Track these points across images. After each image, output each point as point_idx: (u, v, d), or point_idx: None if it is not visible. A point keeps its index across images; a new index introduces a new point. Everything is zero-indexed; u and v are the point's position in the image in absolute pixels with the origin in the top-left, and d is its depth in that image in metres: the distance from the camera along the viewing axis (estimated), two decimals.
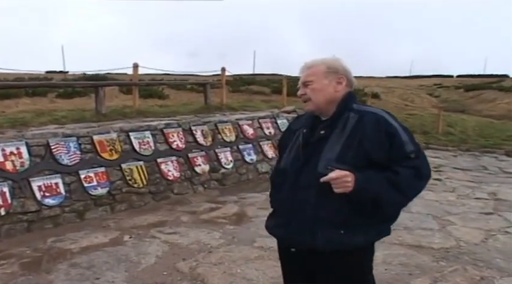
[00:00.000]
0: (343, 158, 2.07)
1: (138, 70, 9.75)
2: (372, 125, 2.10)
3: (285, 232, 2.25)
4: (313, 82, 2.21)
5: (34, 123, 7.52)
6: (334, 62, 2.25)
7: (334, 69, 2.22)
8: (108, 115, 8.42)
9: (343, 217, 2.09)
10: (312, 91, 2.21)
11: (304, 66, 2.28)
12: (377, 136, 2.07)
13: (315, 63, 2.25)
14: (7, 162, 5.63)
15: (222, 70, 11.60)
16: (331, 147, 2.11)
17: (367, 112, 2.16)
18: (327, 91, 2.20)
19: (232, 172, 8.35)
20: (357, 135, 2.09)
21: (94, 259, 4.73)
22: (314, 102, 2.22)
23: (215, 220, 6.16)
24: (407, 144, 2.09)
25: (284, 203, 2.26)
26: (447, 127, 14.78)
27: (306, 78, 2.24)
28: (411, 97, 18.74)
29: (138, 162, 6.94)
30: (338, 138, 2.12)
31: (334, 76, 2.21)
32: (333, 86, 2.21)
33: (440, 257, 4.84)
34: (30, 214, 5.66)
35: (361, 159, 2.06)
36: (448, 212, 6.58)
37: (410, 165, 2.07)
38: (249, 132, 9.04)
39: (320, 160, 2.11)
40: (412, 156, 2.08)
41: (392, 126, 2.11)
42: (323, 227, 2.11)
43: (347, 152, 2.08)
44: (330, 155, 2.10)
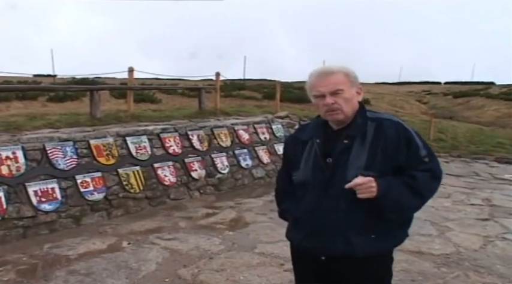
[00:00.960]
0: (371, 165, 2.09)
1: (133, 74, 9.67)
2: (391, 132, 2.12)
3: (316, 241, 2.22)
4: (344, 91, 2.15)
5: (28, 127, 7.41)
6: (352, 71, 2.22)
7: (355, 79, 2.21)
8: (103, 120, 8.34)
9: (373, 222, 2.13)
10: (345, 102, 2.15)
11: (321, 72, 2.20)
12: (397, 142, 2.11)
13: (334, 70, 2.18)
14: (3, 167, 5.53)
15: (216, 75, 11.57)
16: (357, 156, 2.12)
17: (383, 119, 2.19)
18: (354, 101, 2.19)
19: (228, 178, 8.29)
20: (379, 142, 2.12)
21: (93, 265, 4.65)
22: (345, 112, 2.16)
23: (213, 225, 6.10)
24: (422, 149, 2.14)
25: (312, 213, 2.22)
26: (438, 133, 14.86)
27: (336, 87, 2.14)
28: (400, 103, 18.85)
29: (134, 166, 6.86)
30: (361, 146, 2.13)
31: (356, 86, 2.20)
32: (356, 96, 2.20)
33: (442, 264, 4.85)
34: (26, 219, 5.55)
35: (387, 165, 2.10)
36: (445, 218, 6.60)
37: (425, 168, 2.13)
38: (245, 137, 9.00)
39: (348, 170, 2.11)
40: (426, 159, 2.14)
41: (409, 131, 2.16)
42: (356, 233, 2.13)
43: (374, 159, 2.10)
44: (358, 164, 2.10)
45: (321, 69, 2.23)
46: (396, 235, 2.24)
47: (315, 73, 2.22)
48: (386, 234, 2.16)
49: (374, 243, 2.13)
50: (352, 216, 2.12)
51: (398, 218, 2.18)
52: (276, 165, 9.28)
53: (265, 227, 5.96)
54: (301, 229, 2.30)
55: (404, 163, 2.11)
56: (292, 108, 14.33)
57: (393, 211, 2.11)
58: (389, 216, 2.13)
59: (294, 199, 2.35)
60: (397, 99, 18.94)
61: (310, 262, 2.30)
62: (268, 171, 9.12)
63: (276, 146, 9.50)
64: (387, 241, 2.19)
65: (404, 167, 2.12)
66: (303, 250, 2.33)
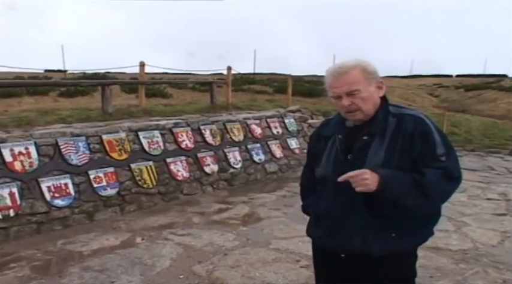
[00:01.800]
0: (388, 162, 2.01)
1: (144, 69, 9.62)
2: (410, 127, 2.04)
3: (335, 238, 2.17)
4: (361, 91, 2.05)
5: (39, 122, 7.40)
6: (370, 64, 2.11)
7: (374, 73, 2.10)
8: (114, 115, 8.31)
9: (394, 220, 2.04)
10: (363, 101, 2.06)
11: (336, 71, 2.09)
12: (414, 136, 2.02)
13: (348, 69, 2.07)
14: (16, 162, 5.51)
15: (227, 69, 11.49)
16: (375, 152, 2.05)
17: (405, 114, 2.10)
18: (374, 98, 2.10)
19: (241, 172, 8.24)
20: (398, 138, 2.03)
21: (107, 262, 4.61)
22: (364, 111, 2.08)
23: (227, 221, 6.05)
24: (439, 146, 2.02)
25: (331, 210, 2.18)
26: (451, 127, 14.68)
27: (351, 88, 2.05)
28: (412, 97, 18.65)
29: (147, 162, 6.82)
30: (380, 142, 2.05)
31: (376, 81, 2.10)
32: (376, 92, 2.10)
33: (460, 260, 4.76)
34: (40, 215, 5.53)
35: (405, 162, 2.02)
36: (462, 213, 6.49)
37: (439, 166, 2.00)
38: (257, 131, 8.93)
39: (365, 166, 2.02)
40: (443, 158, 2.01)
41: (428, 126, 2.05)
42: (374, 232, 2.06)
43: (392, 156, 2.02)
44: (375, 161, 2.03)
45: (336, 67, 2.11)
46: (419, 234, 2.14)
47: (330, 72, 2.12)
48: (408, 232, 2.07)
49: (394, 242, 2.05)
50: (370, 214, 2.05)
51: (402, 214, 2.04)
52: (289, 160, 9.22)
53: (279, 223, 5.90)
54: (321, 225, 2.26)
55: (417, 158, 2.01)
56: (303, 102, 14.24)
57: (393, 206, 1.99)
58: (391, 212, 2.01)
59: (316, 195, 2.31)
60: (408, 92, 18.75)
61: (330, 260, 2.25)
62: (281, 165, 9.05)
63: (288, 140, 9.43)
64: (409, 239, 2.09)
65: (418, 163, 2.01)
66: (323, 247, 2.28)
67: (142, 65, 9.45)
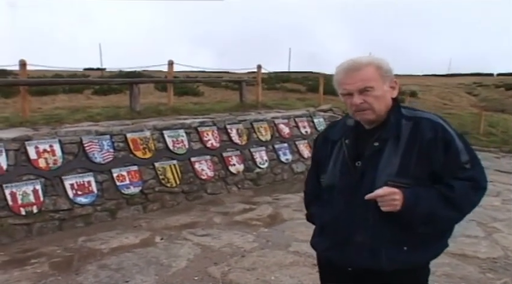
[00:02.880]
0: (404, 171, 1.85)
1: (173, 67, 9.66)
2: (429, 133, 1.85)
3: (341, 251, 2.02)
4: (374, 88, 1.89)
5: (69, 120, 7.50)
6: (385, 63, 1.94)
7: (389, 71, 1.94)
8: (142, 113, 8.34)
9: (406, 233, 1.88)
10: (376, 100, 1.90)
11: (349, 67, 1.94)
12: (434, 144, 1.84)
13: (363, 64, 1.92)
14: (40, 160, 5.59)
15: (257, 67, 11.41)
16: (389, 160, 1.87)
17: (421, 118, 1.91)
18: (387, 99, 1.93)
19: (267, 172, 8.15)
20: (415, 144, 1.85)
21: (124, 260, 4.61)
22: (376, 112, 1.92)
23: (249, 221, 5.97)
24: (463, 153, 1.86)
25: (338, 221, 2.02)
26: (488, 127, 14.17)
27: (365, 84, 1.89)
28: (449, 96, 18.11)
29: (171, 160, 6.82)
30: (394, 149, 1.88)
31: (390, 80, 1.94)
32: (389, 92, 1.94)
33: (488, 268, 4.52)
34: (62, 212, 5.60)
35: (423, 171, 1.85)
36: (494, 218, 6.21)
37: (465, 176, 1.84)
38: (285, 131, 8.82)
39: (377, 176, 1.88)
40: (468, 166, 1.86)
41: (449, 132, 1.88)
42: (385, 245, 1.90)
43: (408, 164, 1.85)
44: (389, 169, 1.86)
45: (349, 62, 1.95)
46: (433, 247, 1.97)
47: (342, 67, 1.95)
48: (421, 246, 1.91)
49: (406, 256, 1.89)
50: (381, 226, 1.89)
51: (433, 231, 1.91)
52: None
53: (301, 225, 5.76)
54: (327, 237, 2.10)
55: (441, 169, 1.84)
56: (336, 101, 13.98)
57: (425, 224, 1.86)
58: (423, 230, 1.87)
59: (321, 203, 2.14)
60: (445, 91, 18.21)
61: (336, 272, 2.10)
62: (309, 165, 8.86)
63: None
64: (422, 253, 1.93)
65: (442, 174, 1.85)
66: (329, 260, 2.12)
67: (170, 64, 9.48)
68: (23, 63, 7.45)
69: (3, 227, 5.17)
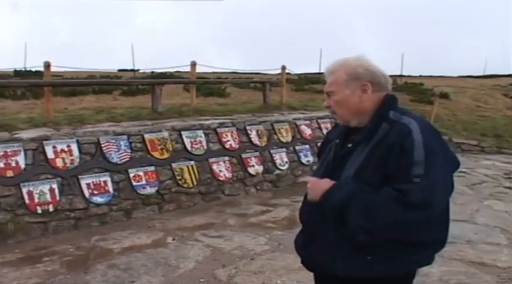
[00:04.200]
0: (360, 174, 1.78)
1: (195, 68, 9.71)
2: (394, 137, 1.75)
3: (308, 252, 2.02)
4: (335, 93, 1.91)
5: (91, 120, 7.60)
6: (355, 66, 1.89)
7: (355, 76, 1.87)
8: (164, 114, 8.39)
9: (370, 243, 1.78)
10: (335, 104, 1.92)
11: (326, 71, 1.98)
12: (392, 148, 1.73)
13: (335, 68, 1.93)
14: (57, 159, 5.68)
15: (282, 68, 11.35)
16: (353, 162, 1.83)
17: (398, 122, 1.80)
18: (351, 103, 1.89)
19: (287, 174, 8.08)
20: (379, 149, 1.77)
21: (133, 260, 4.64)
22: (339, 115, 1.95)
23: (263, 224, 5.92)
24: (418, 166, 1.69)
25: (308, 221, 2.05)
26: None
27: (327, 88, 1.95)
28: (484, 98, 17.53)
29: (189, 161, 6.83)
30: (361, 151, 1.82)
31: (357, 85, 1.87)
32: (357, 96, 1.88)
33: (507, 279, 4.33)
34: (78, 211, 5.68)
35: (378, 176, 1.75)
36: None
37: (404, 188, 1.68)
38: (307, 132, 8.73)
39: (341, 177, 1.84)
40: (417, 180, 1.68)
41: (411, 140, 1.72)
42: (345, 250, 1.83)
43: (366, 168, 1.78)
44: (349, 171, 1.82)
45: (328, 65, 1.99)
46: (404, 261, 1.82)
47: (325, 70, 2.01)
48: (388, 258, 1.79)
49: (365, 265, 1.80)
50: (342, 230, 1.81)
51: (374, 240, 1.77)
52: None
53: None
54: (301, 235, 2.11)
55: (390, 174, 1.73)
56: None
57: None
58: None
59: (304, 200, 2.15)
60: (481, 93, 17.65)
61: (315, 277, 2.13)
62: None
63: None
64: (389, 266, 1.80)
65: (390, 180, 1.73)
66: (301, 258, 2.12)
67: (193, 65, 9.53)
68: (48, 64, 7.59)
69: (20, 225, 5.28)
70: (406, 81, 20.46)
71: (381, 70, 1.92)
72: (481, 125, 13.38)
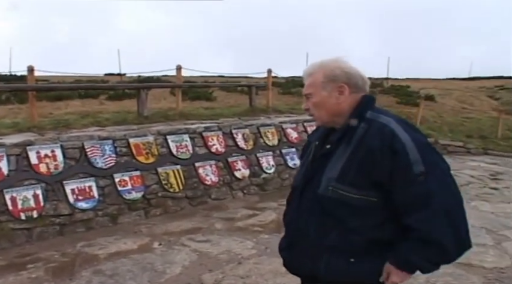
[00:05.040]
0: (343, 177, 1.77)
1: (181, 72, 9.67)
2: (376, 139, 1.74)
3: (290, 255, 2.03)
4: (313, 95, 1.92)
5: (76, 125, 7.53)
6: (333, 68, 1.89)
7: (332, 78, 1.88)
8: (150, 118, 8.35)
9: (353, 243, 1.79)
10: (313, 106, 1.93)
11: (304, 73, 1.98)
12: (380, 152, 1.71)
13: (313, 70, 1.93)
14: (41, 165, 5.61)
15: (268, 72, 11.36)
16: (334, 164, 1.82)
17: (375, 122, 1.80)
18: (328, 105, 1.89)
19: (274, 177, 8.07)
20: (360, 149, 1.76)
21: (119, 266, 4.60)
22: (317, 117, 1.96)
23: (250, 228, 5.90)
24: (416, 164, 1.69)
25: (290, 223, 2.05)
26: (507, 131, 13.82)
27: (305, 90, 1.96)
28: (470, 99, 17.76)
29: (175, 165, 6.79)
30: (343, 153, 1.81)
31: (334, 86, 1.87)
32: (334, 97, 1.88)
33: (493, 279, 4.36)
34: (63, 217, 5.62)
35: (364, 179, 1.74)
36: (505, 226, 6.02)
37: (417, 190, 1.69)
38: (293, 135, 8.73)
39: (322, 179, 1.83)
40: (421, 178, 1.68)
41: (399, 140, 1.72)
42: (327, 253, 1.83)
43: (349, 170, 1.77)
44: (331, 173, 1.81)
45: (306, 68, 2.00)
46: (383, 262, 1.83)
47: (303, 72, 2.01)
48: (371, 260, 1.80)
49: (352, 268, 1.80)
50: (324, 232, 1.81)
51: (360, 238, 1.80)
52: None
53: None
54: (285, 238, 2.11)
55: (389, 180, 1.71)
56: None
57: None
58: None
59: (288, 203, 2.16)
60: (466, 95, 17.86)
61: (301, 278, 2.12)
62: None
63: None
64: (373, 268, 1.81)
65: (391, 186, 1.72)
66: (284, 261, 2.12)
67: (179, 69, 9.49)
68: (31, 68, 7.51)
69: (4, 231, 5.21)
70: (392, 84, 20.60)
71: (359, 71, 1.92)
72: (466, 127, 13.52)
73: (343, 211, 1.78)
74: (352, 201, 1.76)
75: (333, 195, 1.79)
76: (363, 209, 1.76)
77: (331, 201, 1.79)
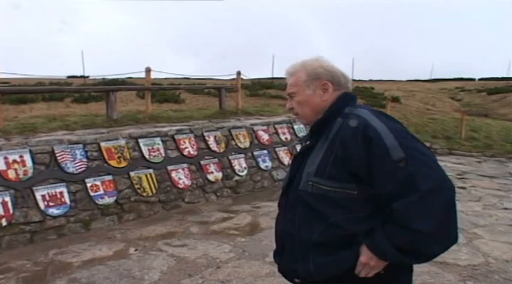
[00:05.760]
0: (321, 171, 1.76)
1: (150, 74, 9.54)
2: (348, 130, 1.73)
3: (281, 259, 1.99)
4: (296, 94, 1.94)
5: (43, 129, 7.33)
6: (315, 67, 1.92)
7: (315, 76, 1.90)
8: (120, 121, 8.21)
9: (335, 238, 1.76)
10: (297, 105, 1.95)
11: (287, 73, 2.00)
12: (354, 142, 1.69)
13: (295, 70, 1.96)
14: (10, 171, 5.43)
15: (237, 74, 11.34)
16: (313, 159, 1.82)
17: (351, 114, 1.79)
18: (313, 103, 1.91)
19: (247, 180, 8.05)
20: (335, 142, 1.75)
21: (95, 274, 4.48)
22: (302, 116, 1.97)
23: (226, 231, 5.86)
24: (395, 150, 1.62)
25: (277, 225, 2.02)
26: (471, 132, 14.24)
27: (289, 90, 1.97)
28: (432, 101, 18.21)
29: (147, 169, 6.69)
30: (321, 148, 1.81)
31: (318, 84, 1.90)
32: (318, 95, 1.90)
33: (468, 276, 4.47)
34: (34, 224, 5.44)
35: (341, 170, 1.72)
36: (475, 224, 6.18)
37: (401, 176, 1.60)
38: (264, 137, 8.73)
39: (302, 176, 1.83)
40: (402, 164, 1.60)
41: (372, 128, 1.68)
42: (314, 251, 1.80)
43: (326, 163, 1.76)
44: (311, 168, 1.80)
45: (288, 68, 2.01)
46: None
47: (285, 72, 2.03)
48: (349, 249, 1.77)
49: (340, 261, 1.77)
50: (310, 229, 1.79)
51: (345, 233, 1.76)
52: None
53: None
54: (276, 244, 2.06)
55: (368, 169, 1.66)
56: None
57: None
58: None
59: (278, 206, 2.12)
60: (429, 96, 18.30)
61: None
62: None
63: (297, 147, 9.20)
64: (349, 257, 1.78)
65: (370, 176, 1.67)
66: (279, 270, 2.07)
67: (148, 71, 9.37)
68: None
69: None
70: (357, 86, 20.92)
71: (340, 70, 1.96)
72: (431, 127, 13.83)
73: (325, 205, 1.75)
74: (332, 194, 1.74)
75: (313, 190, 1.77)
76: (344, 202, 1.73)
77: (312, 196, 1.78)
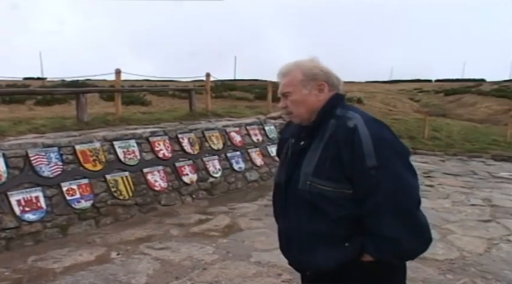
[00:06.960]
0: (319, 171, 1.83)
1: (120, 76, 9.39)
2: (341, 132, 1.82)
3: (289, 254, 2.05)
4: (292, 93, 1.97)
5: (11, 133, 7.10)
6: (311, 67, 1.97)
7: (312, 76, 1.95)
8: (90, 123, 8.04)
9: (344, 229, 1.84)
10: (293, 104, 1.98)
11: (280, 73, 2.04)
12: (345, 145, 1.79)
13: (290, 69, 2.00)
14: None
15: (206, 75, 11.30)
16: (310, 159, 1.88)
17: (344, 117, 1.88)
18: (309, 102, 1.95)
19: (221, 181, 8.04)
20: (331, 144, 1.83)
21: (79, 280, 4.38)
22: (296, 115, 2.00)
23: (206, 233, 5.85)
24: (369, 157, 1.74)
25: (279, 222, 2.10)
26: (432, 131, 14.71)
27: (283, 89, 2.00)
28: (393, 102, 18.68)
29: (123, 172, 6.58)
30: (316, 148, 1.88)
31: (314, 84, 1.95)
32: (314, 95, 1.95)
33: (447, 270, 4.65)
34: (9, 230, 5.26)
35: (337, 172, 1.80)
36: (446, 220, 6.40)
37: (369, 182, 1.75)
38: (237, 139, 8.74)
39: (300, 175, 1.89)
40: (372, 172, 1.73)
41: (358, 134, 1.78)
42: (321, 243, 1.87)
43: (323, 164, 1.83)
44: (308, 169, 1.87)
45: (281, 68, 2.05)
46: None
47: (278, 72, 2.06)
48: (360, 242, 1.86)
49: (348, 252, 1.85)
50: (314, 224, 1.86)
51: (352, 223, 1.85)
52: (270, 168, 9.05)
53: (261, 234, 5.71)
54: (280, 240, 2.12)
55: (350, 173, 1.78)
56: None
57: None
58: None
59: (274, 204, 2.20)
60: (389, 97, 18.75)
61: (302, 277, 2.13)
62: (262, 173, 8.87)
63: (269, 148, 9.25)
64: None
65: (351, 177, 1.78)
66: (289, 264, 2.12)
67: (118, 73, 9.21)
68: None
69: None
70: None
71: (333, 71, 2.01)
72: (395, 128, 14.14)
73: (325, 203, 1.82)
74: (329, 193, 1.81)
75: (312, 189, 1.83)
76: (341, 200, 1.81)
77: (312, 195, 1.84)
